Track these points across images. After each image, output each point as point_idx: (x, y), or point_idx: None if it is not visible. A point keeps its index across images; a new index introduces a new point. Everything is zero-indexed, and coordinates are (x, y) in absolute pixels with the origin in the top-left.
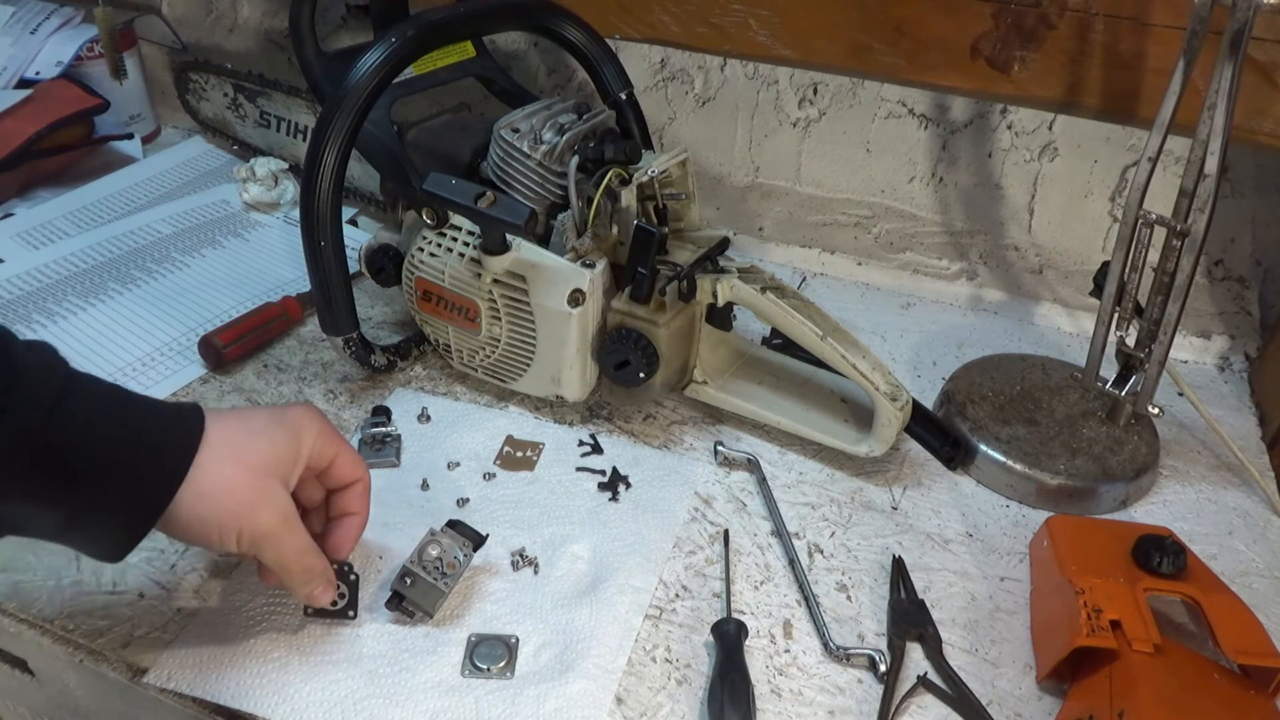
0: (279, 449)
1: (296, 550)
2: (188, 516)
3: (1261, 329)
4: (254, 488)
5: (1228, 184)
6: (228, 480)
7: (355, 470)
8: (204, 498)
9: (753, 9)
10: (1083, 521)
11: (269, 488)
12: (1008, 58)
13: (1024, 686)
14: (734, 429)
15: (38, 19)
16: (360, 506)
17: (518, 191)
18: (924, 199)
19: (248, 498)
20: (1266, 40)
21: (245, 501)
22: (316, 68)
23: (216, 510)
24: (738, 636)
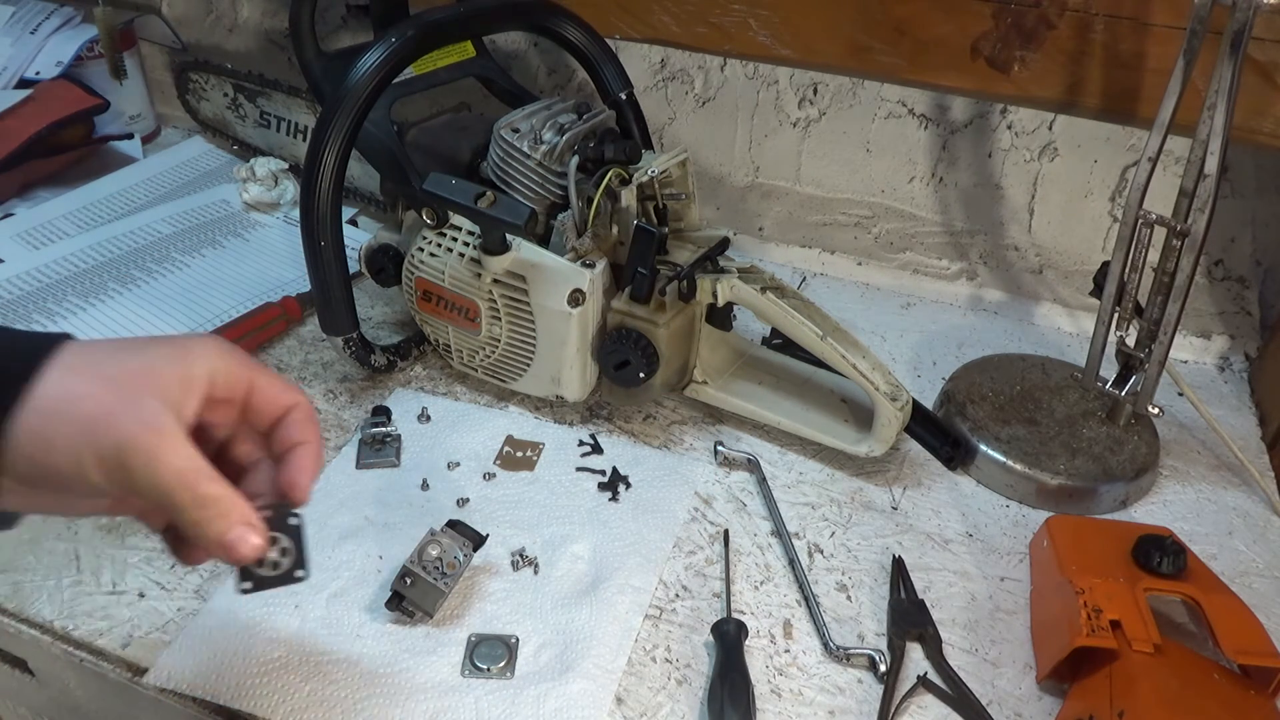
0: (155, 362)
1: (179, 471)
2: (32, 445)
3: (1261, 329)
4: (111, 395)
5: (1228, 184)
6: (77, 391)
7: (285, 394)
8: (48, 415)
9: (753, 9)
10: (1083, 521)
11: (134, 398)
12: (1008, 58)
13: (1024, 686)
14: (734, 429)
15: (38, 19)
16: (305, 433)
17: (518, 191)
18: (924, 199)
19: (102, 406)
20: (1266, 40)
21: (99, 411)
22: (316, 68)
23: (63, 427)
24: (738, 636)
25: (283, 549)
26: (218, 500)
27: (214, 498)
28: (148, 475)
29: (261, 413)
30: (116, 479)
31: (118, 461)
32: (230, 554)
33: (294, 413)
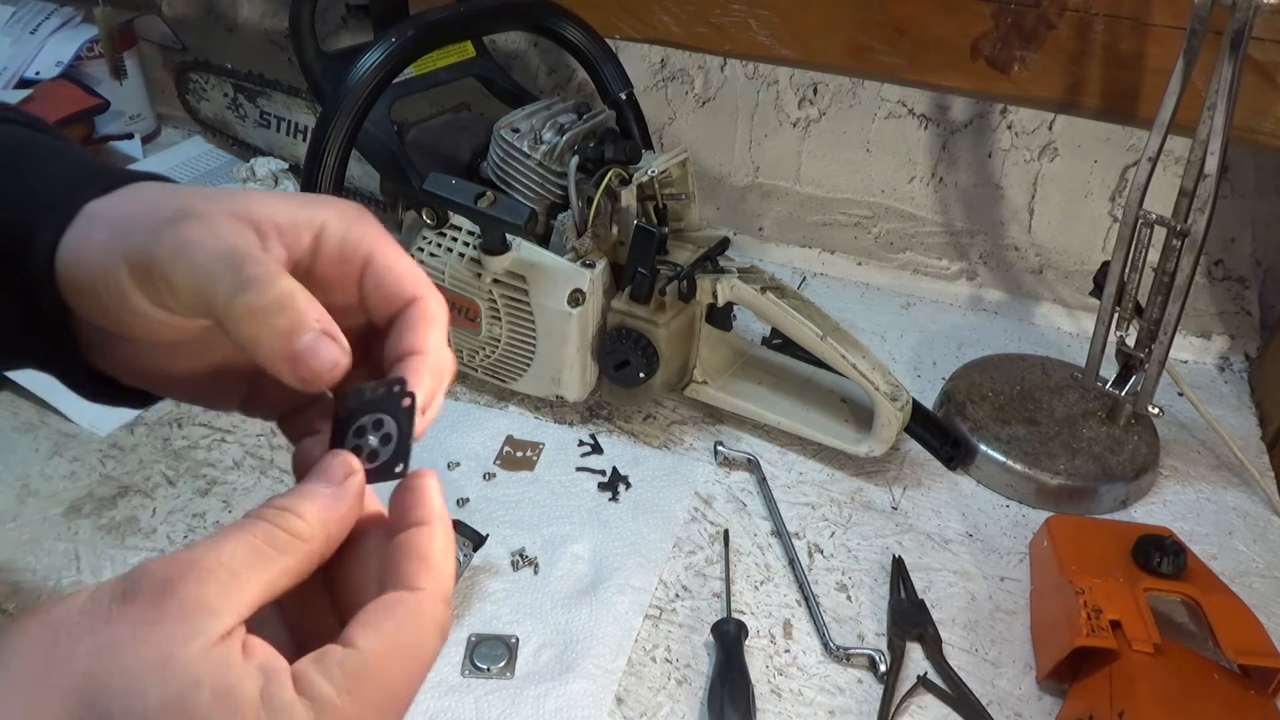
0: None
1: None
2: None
3: (1261, 329)
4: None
5: (1228, 184)
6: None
7: (408, 280)
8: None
9: (753, 9)
10: (1083, 521)
11: (189, 199)
12: (1008, 58)
13: (1024, 686)
14: (734, 429)
15: (38, 19)
16: (419, 339)
17: (518, 191)
18: (924, 199)
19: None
20: (1266, 40)
21: (140, 208)
22: (316, 68)
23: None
24: (738, 636)
25: (385, 435)
26: (277, 290)
27: (264, 280)
28: (183, 266)
29: (376, 298)
30: (149, 282)
31: (146, 256)
32: (299, 369)
33: (410, 309)
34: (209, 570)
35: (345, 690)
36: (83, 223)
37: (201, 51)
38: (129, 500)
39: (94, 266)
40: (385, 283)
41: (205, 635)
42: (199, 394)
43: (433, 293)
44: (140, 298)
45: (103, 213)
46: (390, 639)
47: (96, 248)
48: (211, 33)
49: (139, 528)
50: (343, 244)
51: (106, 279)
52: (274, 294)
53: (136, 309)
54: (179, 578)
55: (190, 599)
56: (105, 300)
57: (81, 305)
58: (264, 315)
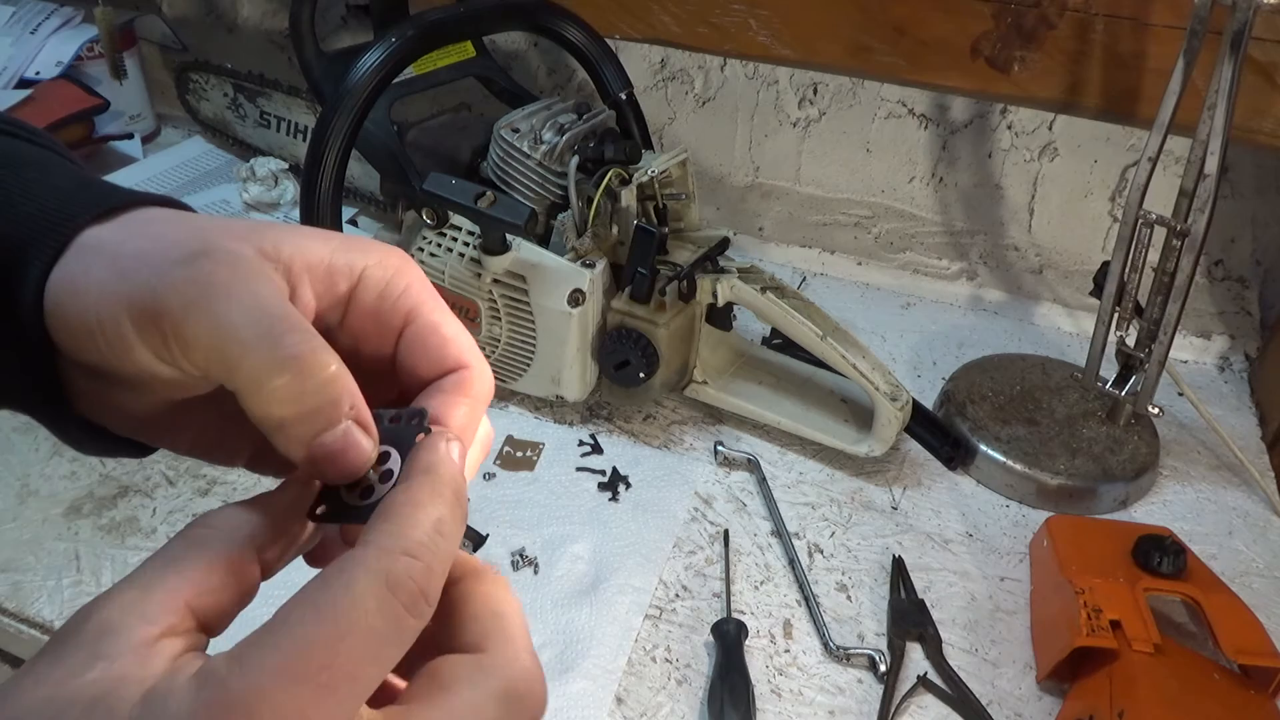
0: (274, 225)
1: (255, 310)
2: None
3: (1261, 329)
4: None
5: (1228, 184)
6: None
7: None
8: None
9: (753, 9)
10: (1083, 521)
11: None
12: (1008, 58)
13: (1024, 686)
14: (734, 429)
15: (38, 19)
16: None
17: (518, 191)
18: (924, 199)
19: (152, 239)
20: (1266, 40)
21: (146, 245)
22: (316, 68)
23: (94, 264)
24: (738, 636)
25: (386, 470)
26: (323, 376)
27: (308, 360)
28: (200, 321)
29: (414, 361)
30: (155, 333)
31: (154, 302)
32: (320, 463)
33: (449, 379)
34: (110, 596)
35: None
36: (79, 254)
37: (201, 51)
38: (129, 500)
39: (90, 309)
40: (428, 346)
41: (106, 659)
42: (201, 449)
43: (481, 364)
44: (143, 350)
45: (103, 244)
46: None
47: (94, 287)
48: (211, 33)
49: (139, 528)
50: (382, 297)
51: (104, 325)
52: (318, 380)
53: (137, 362)
54: (81, 615)
55: (90, 628)
56: (102, 348)
57: (73, 349)
58: (299, 401)
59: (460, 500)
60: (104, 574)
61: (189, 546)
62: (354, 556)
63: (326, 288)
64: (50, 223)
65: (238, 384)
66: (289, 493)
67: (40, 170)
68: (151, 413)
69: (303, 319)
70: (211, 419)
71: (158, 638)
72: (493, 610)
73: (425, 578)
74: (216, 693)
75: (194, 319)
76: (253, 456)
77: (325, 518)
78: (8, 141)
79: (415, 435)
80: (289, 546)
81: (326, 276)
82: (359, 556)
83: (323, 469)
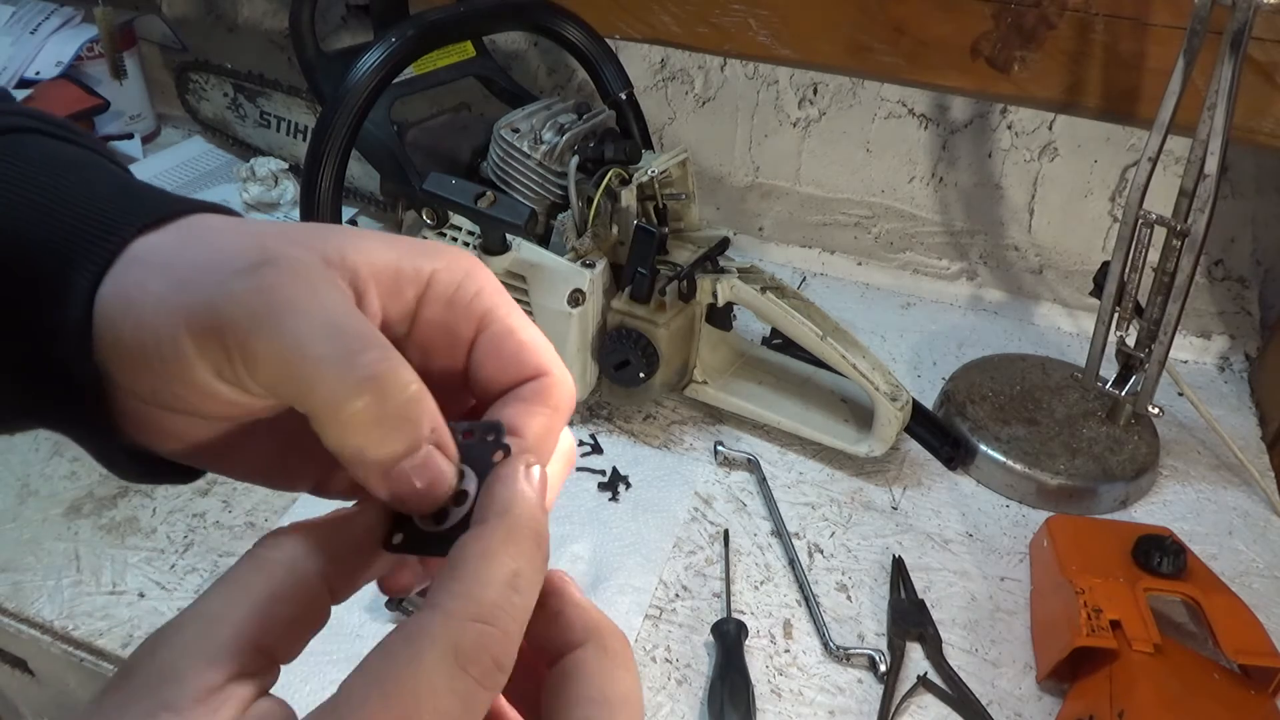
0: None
1: (328, 325)
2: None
3: (1261, 329)
4: (233, 239)
5: (1228, 184)
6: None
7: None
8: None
9: (753, 9)
10: (1083, 521)
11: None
12: (1008, 58)
13: (1024, 686)
14: (734, 429)
15: (38, 19)
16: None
17: (518, 191)
18: (924, 199)
19: (210, 250)
20: (1266, 40)
21: (203, 256)
22: (316, 68)
23: (150, 277)
24: (738, 636)
25: (461, 491)
26: (393, 386)
27: (388, 380)
28: (269, 337)
29: (489, 370)
30: (217, 350)
31: (215, 315)
32: (398, 488)
33: (527, 387)
34: (178, 627)
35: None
36: (129, 266)
37: (201, 51)
38: (129, 500)
39: (146, 324)
40: (503, 353)
41: (172, 711)
42: (260, 475)
43: (562, 370)
44: (203, 368)
45: (156, 254)
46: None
47: (150, 301)
48: (211, 33)
49: (139, 528)
50: (452, 303)
51: (161, 341)
52: (399, 401)
53: (196, 381)
54: (149, 648)
55: (154, 670)
56: (157, 367)
57: (123, 368)
58: (379, 426)
59: (540, 544)
60: (104, 574)
61: (257, 571)
62: (421, 625)
63: (393, 295)
64: (96, 232)
65: (311, 407)
66: (363, 517)
67: (81, 174)
68: (207, 436)
69: (378, 333)
70: (272, 443)
71: (224, 683)
72: (605, 696)
73: (500, 645)
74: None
75: (261, 334)
76: (317, 482)
77: (401, 548)
78: (46, 142)
79: (492, 453)
80: (361, 574)
81: (393, 283)
82: (426, 625)
83: (401, 497)
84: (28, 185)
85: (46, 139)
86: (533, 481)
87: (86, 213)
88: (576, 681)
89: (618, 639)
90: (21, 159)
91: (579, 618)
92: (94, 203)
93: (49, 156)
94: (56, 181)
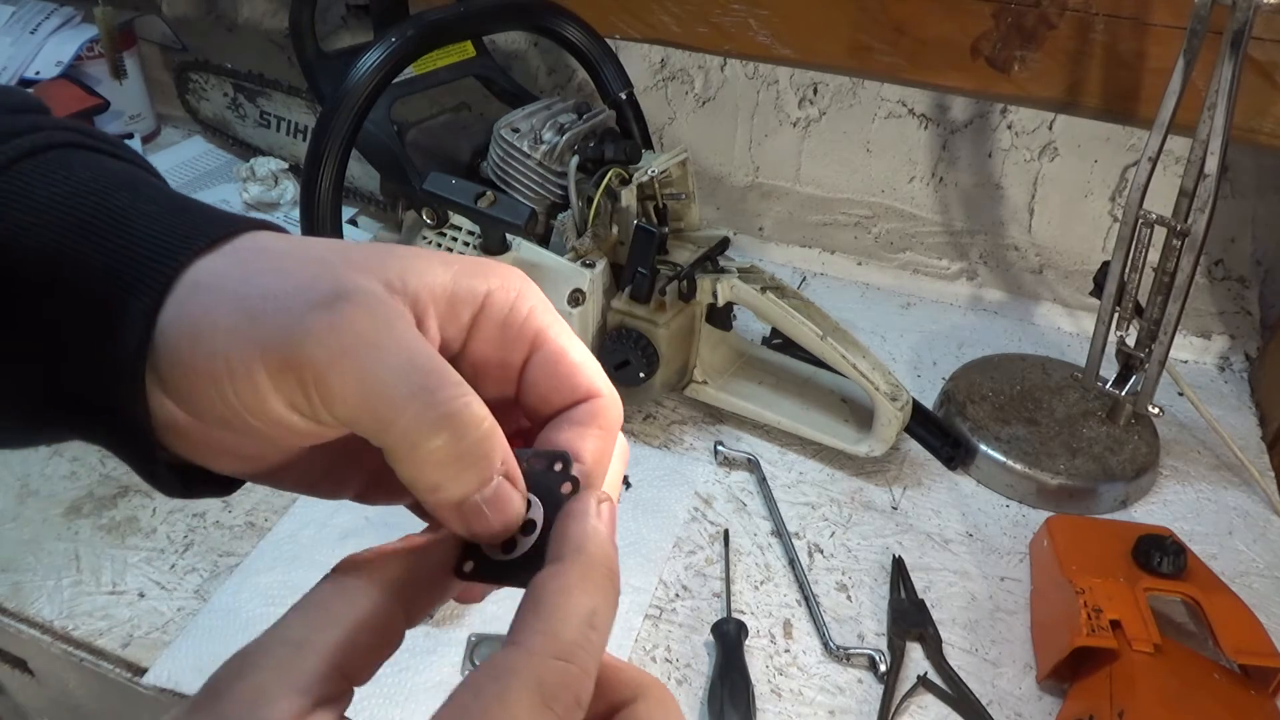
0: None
1: (406, 365)
2: (177, 333)
3: (1261, 329)
4: (303, 268)
5: (1228, 184)
6: (254, 266)
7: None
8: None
9: (753, 9)
10: (1083, 521)
11: (333, 270)
12: (1008, 58)
13: (1024, 686)
14: (734, 429)
15: (38, 19)
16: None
17: (518, 191)
18: (924, 199)
19: (282, 279)
20: (1266, 40)
21: (275, 286)
22: (316, 68)
23: (218, 305)
24: (738, 636)
25: (529, 521)
26: (469, 423)
27: (465, 417)
28: (348, 376)
29: (541, 391)
30: (294, 384)
31: (293, 351)
32: (472, 522)
33: (579, 410)
34: (264, 649)
35: None
36: (193, 292)
37: (201, 51)
38: (129, 500)
39: (218, 354)
40: (557, 375)
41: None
42: (306, 485)
43: (611, 391)
44: (278, 401)
45: (219, 280)
46: None
47: (221, 332)
48: (211, 33)
49: (139, 528)
50: (506, 324)
51: (235, 373)
52: (475, 438)
53: (269, 412)
54: (235, 669)
55: (244, 691)
56: (229, 396)
57: (184, 395)
58: (456, 463)
59: (614, 582)
60: (104, 574)
61: (340, 597)
62: (506, 663)
63: (450, 317)
64: (152, 255)
65: (388, 443)
66: (437, 546)
67: (132, 192)
68: (261, 456)
69: (452, 370)
70: (326, 458)
71: (310, 709)
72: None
73: (580, 682)
74: None
75: (341, 371)
76: (361, 490)
77: (473, 576)
78: (92, 158)
79: (560, 484)
80: (435, 599)
81: (449, 306)
82: (511, 663)
83: (473, 528)
84: (78, 204)
85: (92, 154)
86: (604, 517)
87: (142, 235)
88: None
89: (665, 692)
90: (70, 178)
91: (623, 677)
92: (148, 223)
93: (97, 174)
94: (107, 201)
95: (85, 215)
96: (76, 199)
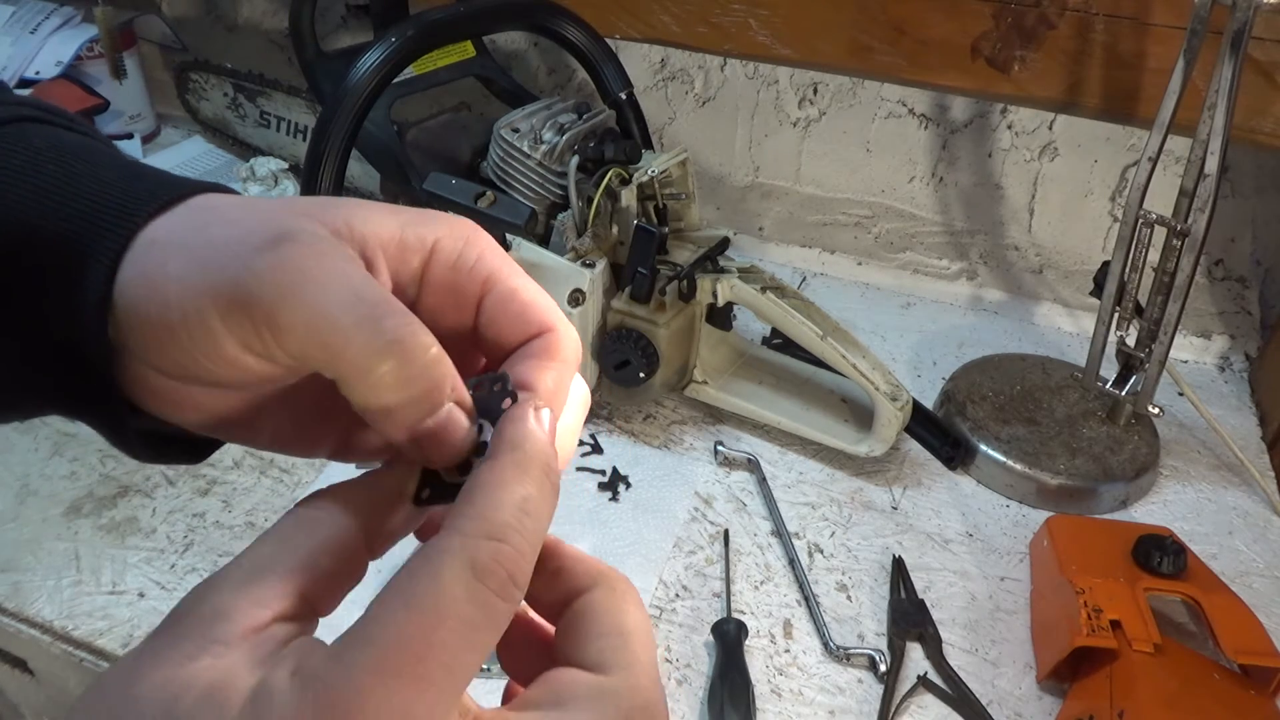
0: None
1: (350, 295)
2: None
3: (1261, 329)
4: (250, 215)
5: (1228, 184)
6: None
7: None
8: (155, 245)
9: (753, 9)
10: (1083, 521)
11: (279, 216)
12: (1008, 58)
13: (1024, 686)
14: (734, 429)
15: (38, 19)
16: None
17: (518, 191)
18: (924, 199)
19: (232, 228)
20: (1266, 40)
21: (226, 234)
22: (316, 68)
23: (172, 257)
24: (738, 636)
25: (481, 443)
26: (416, 348)
27: (411, 343)
28: (296, 309)
29: (496, 330)
30: (245, 325)
31: (241, 291)
32: (426, 446)
33: (534, 344)
34: (225, 575)
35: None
36: (148, 250)
37: (201, 51)
38: (129, 500)
39: (172, 305)
40: (509, 312)
41: (220, 644)
42: (281, 442)
43: (566, 325)
44: (231, 342)
45: (172, 237)
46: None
47: (173, 282)
48: (211, 33)
49: (139, 528)
50: (455, 268)
51: (188, 319)
52: (422, 363)
53: (224, 355)
54: (197, 595)
55: (204, 611)
56: (185, 344)
57: (148, 348)
58: (405, 387)
59: (549, 474)
60: (104, 574)
61: (300, 527)
62: (439, 544)
63: (400, 263)
64: (109, 218)
65: (339, 372)
66: (393, 476)
67: (88, 160)
68: (229, 406)
69: (397, 301)
70: (292, 411)
71: (269, 623)
72: (619, 628)
73: (513, 561)
74: (319, 692)
75: (288, 307)
76: (336, 446)
77: (430, 500)
78: (49, 130)
79: (501, 402)
80: (394, 528)
81: (399, 252)
82: (444, 544)
83: (426, 452)
84: (37, 174)
85: (49, 128)
86: (541, 420)
87: (99, 199)
88: (590, 619)
89: (623, 580)
90: (28, 149)
91: (581, 567)
92: (105, 189)
93: (54, 145)
94: (65, 170)
95: (45, 184)
96: (35, 169)
